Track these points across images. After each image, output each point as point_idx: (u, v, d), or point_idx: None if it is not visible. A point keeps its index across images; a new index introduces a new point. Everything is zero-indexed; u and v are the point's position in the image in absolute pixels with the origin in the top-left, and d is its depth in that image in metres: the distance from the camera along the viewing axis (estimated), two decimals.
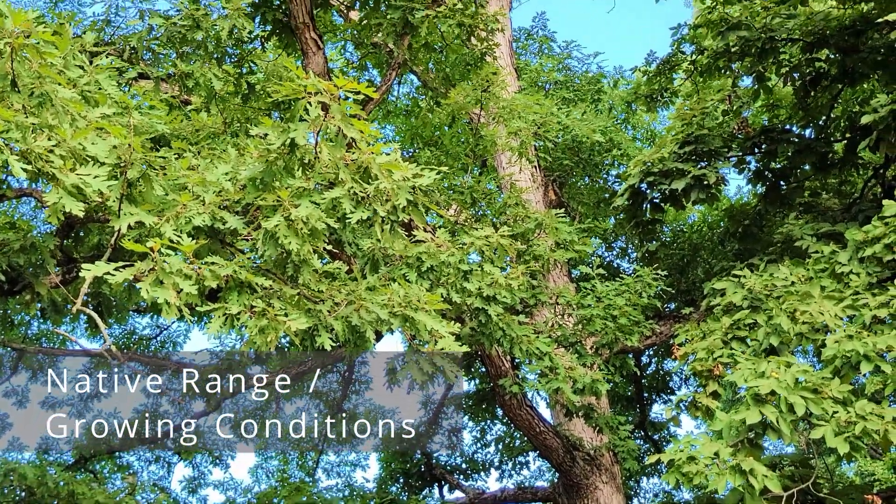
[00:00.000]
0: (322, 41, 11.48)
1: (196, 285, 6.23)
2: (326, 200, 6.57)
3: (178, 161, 7.43)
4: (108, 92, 7.43)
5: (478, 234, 9.73)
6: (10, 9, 6.52)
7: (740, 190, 25.60)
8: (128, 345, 21.29)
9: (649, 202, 13.81)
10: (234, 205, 7.17)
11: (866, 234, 10.50)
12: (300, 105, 6.56)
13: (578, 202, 19.44)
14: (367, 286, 7.60)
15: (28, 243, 8.76)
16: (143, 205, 6.77)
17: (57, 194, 6.00)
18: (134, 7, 11.60)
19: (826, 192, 15.20)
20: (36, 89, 6.46)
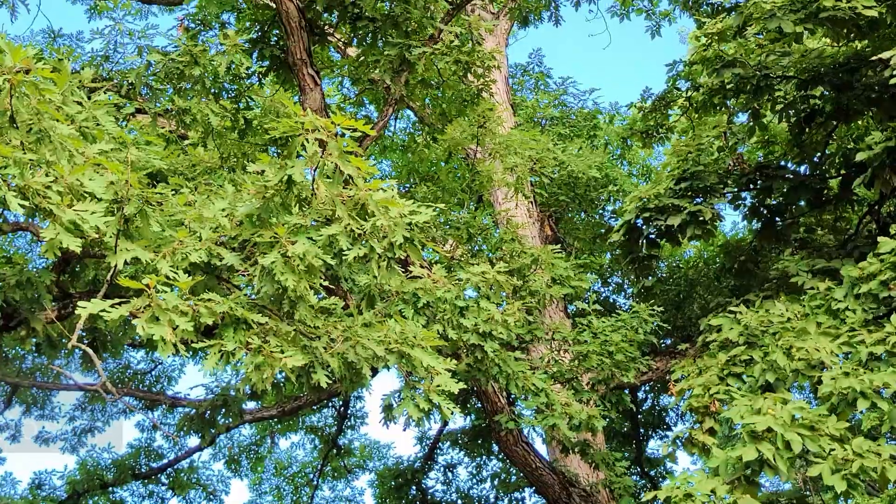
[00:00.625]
0: (319, 77, 11.54)
1: (192, 322, 6.22)
2: (323, 237, 6.57)
3: (175, 197, 7.44)
4: (105, 128, 7.44)
5: (474, 270, 9.73)
6: (10, 45, 6.55)
7: (736, 226, 25.64)
8: (122, 379, 21.23)
9: (645, 238, 13.82)
10: (230, 241, 7.17)
11: (862, 270, 10.51)
12: (297, 142, 6.58)
13: (574, 238, 19.46)
14: (363, 322, 7.59)
15: (24, 279, 8.76)
16: (140, 241, 6.77)
17: (54, 230, 6.00)
18: (132, 43, 11.65)
19: (821, 229, 15.22)
20: (34, 125, 6.47)
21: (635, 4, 20.83)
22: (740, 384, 10.77)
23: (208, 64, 10.48)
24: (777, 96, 13.52)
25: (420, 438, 22.42)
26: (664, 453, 11.55)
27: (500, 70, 15.74)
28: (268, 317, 6.92)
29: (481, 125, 13.56)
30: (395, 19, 11.38)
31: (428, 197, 15.42)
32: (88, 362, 13.32)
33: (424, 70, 11.27)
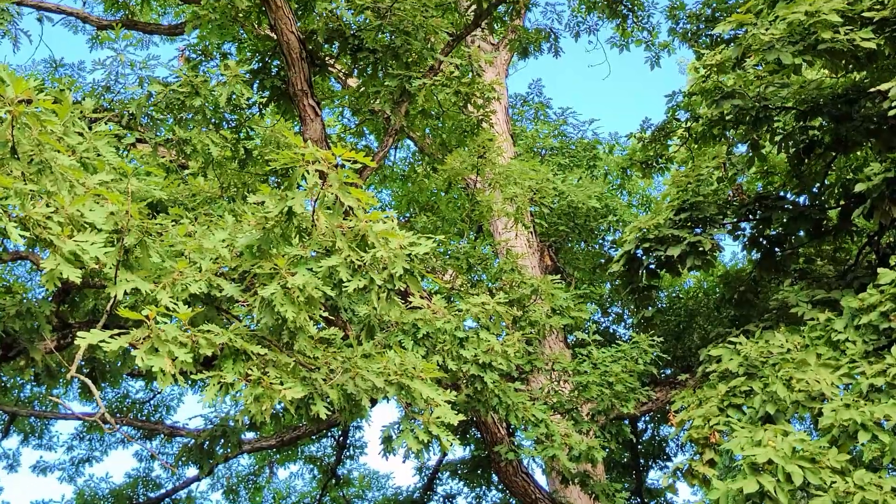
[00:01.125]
0: (319, 107, 11.58)
1: (191, 353, 6.21)
2: (323, 268, 6.57)
3: (175, 227, 7.44)
4: (106, 158, 7.46)
5: (474, 301, 9.74)
6: (12, 76, 6.58)
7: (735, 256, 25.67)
8: (121, 408, 21.16)
9: (645, 268, 13.82)
10: (230, 272, 7.17)
11: (862, 301, 10.50)
12: (298, 173, 6.60)
13: (574, 268, 19.47)
14: (362, 353, 7.58)
15: (24, 308, 8.75)
16: (140, 271, 6.78)
17: (54, 261, 6.00)
18: (133, 74, 11.68)
19: (821, 259, 15.23)
20: (36, 156, 6.49)
21: (634, 36, 20.93)
22: (740, 415, 10.74)
23: (209, 94, 10.52)
24: (776, 127, 13.56)
25: (419, 469, 22.34)
26: (664, 485, 11.50)
27: (499, 101, 15.79)
28: (267, 348, 6.91)
29: (481, 155, 13.59)
30: (396, 51, 11.43)
31: (428, 227, 15.46)
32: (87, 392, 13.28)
33: (425, 101, 11.31)
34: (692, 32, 19.85)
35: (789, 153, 13.79)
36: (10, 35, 14.15)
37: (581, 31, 21.40)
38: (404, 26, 11.41)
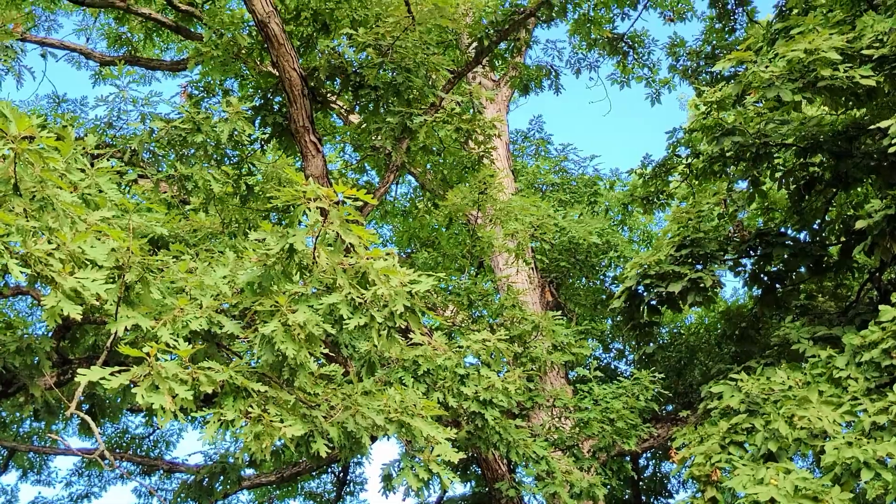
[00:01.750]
0: (321, 143, 11.61)
1: (191, 390, 6.19)
2: (324, 306, 6.57)
3: (176, 264, 7.45)
4: (108, 195, 7.47)
5: (475, 337, 9.72)
6: (15, 112, 6.60)
7: (736, 292, 25.64)
8: (120, 444, 21.08)
9: (646, 304, 13.82)
10: (231, 308, 7.17)
11: (863, 338, 10.49)
12: (299, 210, 6.61)
13: (575, 304, 19.45)
14: (363, 390, 7.57)
15: (24, 345, 8.74)
16: (141, 307, 6.77)
17: (55, 297, 6.00)
18: (136, 110, 11.73)
19: (822, 296, 15.22)
20: (38, 193, 6.50)
21: (635, 73, 21.04)
22: (742, 453, 10.71)
23: (211, 131, 10.56)
24: (776, 164, 13.60)
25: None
26: None
27: (500, 137, 15.85)
28: (268, 385, 6.90)
29: (482, 191, 13.62)
30: (397, 87, 11.48)
31: (429, 262, 15.46)
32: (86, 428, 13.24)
33: (426, 137, 11.35)
34: (692, 69, 19.95)
35: (790, 189, 13.81)
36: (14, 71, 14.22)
37: (582, 68, 21.50)
38: (406, 63, 11.47)
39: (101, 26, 17.64)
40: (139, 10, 14.36)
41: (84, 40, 18.00)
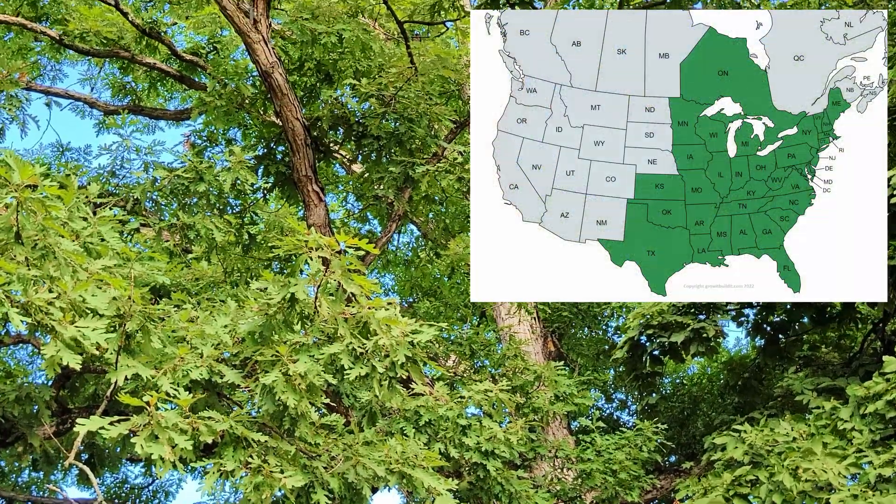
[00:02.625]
0: (323, 193, 11.64)
1: (191, 440, 6.16)
2: (325, 356, 6.55)
3: (177, 312, 7.44)
4: (110, 243, 7.48)
5: (476, 388, 9.68)
6: (19, 160, 6.62)
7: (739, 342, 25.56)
8: (119, 494, 20.91)
9: (649, 355, 13.77)
10: (232, 357, 7.15)
11: (867, 390, 10.43)
12: (301, 260, 6.61)
13: (578, 354, 19.38)
14: (364, 440, 7.53)
15: (24, 394, 8.70)
16: (141, 357, 6.75)
17: (55, 347, 5.98)
18: (139, 159, 11.79)
19: (825, 346, 15.16)
20: (40, 241, 6.51)
21: None
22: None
23: (213, 180, 10.59)
24: None
25: None
26: None
27: None
28: (268, 435, 6.86)
29: None
30: (400, 137, 11.54)
31: (430, 312, 15.44)
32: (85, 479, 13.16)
33: (428, 187, 11.38)
34: None
35: None
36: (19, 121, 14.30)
37: None
38: (408, 113, 11.53)
39: (105, 76, 17.75)
40: (144, 59, 14.44)
41: (89, 89, 18.12)
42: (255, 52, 10.91)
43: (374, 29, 14.15)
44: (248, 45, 10.92)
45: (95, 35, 14.08)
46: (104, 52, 14.23)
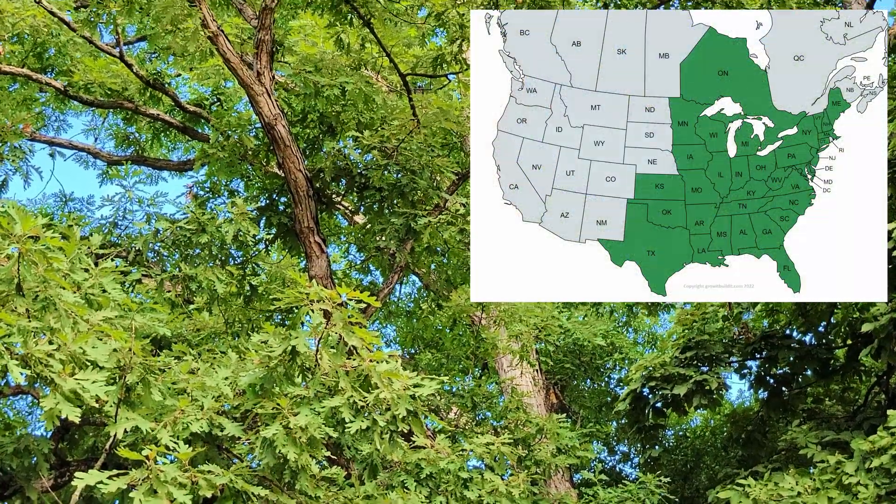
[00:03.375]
0: (325, 244, 11.64)
1: (190, 494, 6.10)
2: (326, 409, 6.52)
3: (178, 364, 7.40)
4: (111, 295, 7.46)
5: (479, 440, 9.62)
6: (21, 211, 6.63)
7: (742, 395, 25.47)
8: None
9: (651, 407, 13.74)
10: (232, 410, 7.11)
11: (872, 444, 10.37)
12: (302, 312, 6.60)
13: (580, 406, 19.32)
14: (364, 494, 7.47)
15: (22, 446, 8.62)
16: (141, 409, 6.72)
17: (54, 399, 5.95)
18: (141, 210, 11.82)
19: (829, 399, 15.11)
20: (41, 293, 6.49)
21: None
22: None
23: (216, 231, 10.60)
24: None
25: None
26: None
27: None
28: (268, 488, 6.80)
29: None
30: (402, 189, 11.56)
31: (432, 363, 15.40)
32: None
33: (430, 238, 11.38)
34: None
35: None
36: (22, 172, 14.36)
37: None
38: (410, 165, 11.56)
39: (109, 126, 17.83)
40: (147, 110, 14.51)
41: (92, 140, 18.19)
42: (258, 104, 10.96)
43: (377, 81, 14.22)
44: (252, 98, 10.98)
45: (100, 86, 14.16)
46: (108, 102, 14.31)
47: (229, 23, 13.10)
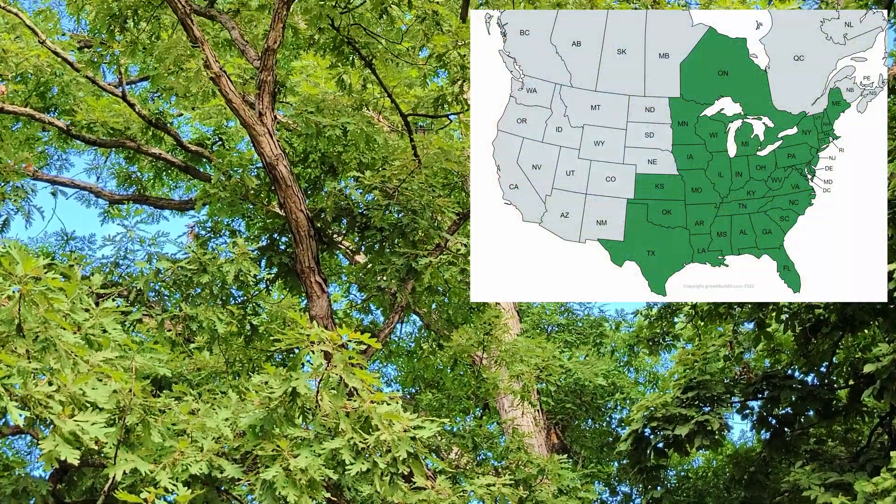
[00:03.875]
0: (326, 284, 11.63)
1: None
2: (326, 451, 6.49)
3: (178, 405, 7.38)
4: (111, 336, 7.45)
5: (479, 481, 9.56)
6: (23, 251, 6.64)
7: (744, 435, 25.38)
8: None
9: (653, 448, 13.70)
10: (232, 451, 7.08)
11: (876, 486, 10.31)
12: (303, 354, 6.60)
13: (582, 446, 19.25)
14: None
15: (20, 487, 8.58)
16: (141, 450, 6.69)
17: (53, 441, 5.93)
18: (143, 250, 11.81)
19: (832, 440, 15.05)
20: (41, 334, 6.48)
21: None
22: None
23: (217, 271, 10.59)
24: (782, 306, 13.60)
25: None
26: None
27: None
28: None
29: (487, 332, 13.59)
30: (403, 229, 11.56)
31: (433, 403, 15.35)
32: None
33: (431, 278, 11.37)
34: None
35: (795, 332, 13.79)
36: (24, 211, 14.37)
37: None
38: (412, 205, 11.58)
39: (111, 165, 17.88)
40: (150, 150, 14.56)
41: (94, 178, 18.25)
42: (259, 144, 10.99)
43: (379, 122, 14.29)
44: (253, 138, 11.01)
45: (102, 125, 14.22)
46: (111, 142, 14.37)
47: (232, 63, 13.17)
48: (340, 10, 11.63)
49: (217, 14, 12.16)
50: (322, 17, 11.46)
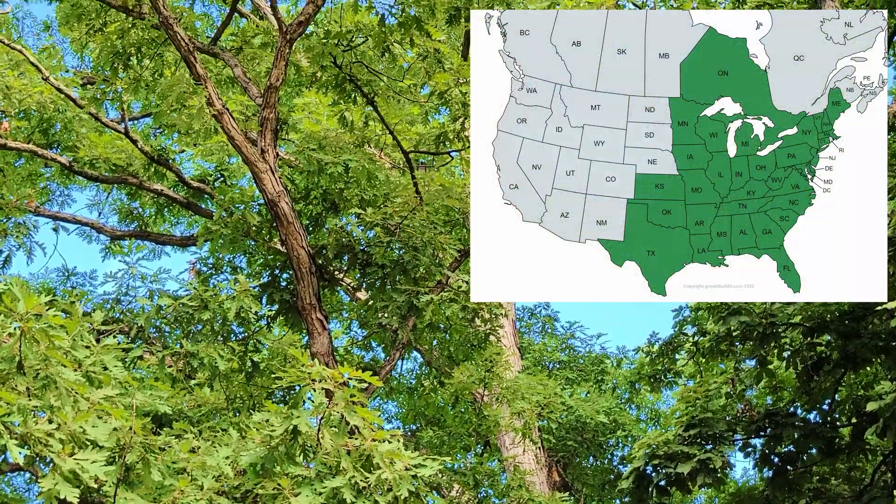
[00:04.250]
0: (327, 321, 11.62)
1: None
2: (327, 489, 6.46)
3: (178, 443, 7.35)
4: (112, 373, 7.43)
5: None
6: (24, 289, 6.63)
7: (747, 473, 25.26)
8: None
9: (655, 486, 13.63)
10: (232, 490, 7.04)
11: None
12: (304, 392, 6.58)
13: (583, 483, 19.15)
14: None
15: None
16: (140, 489, 6.65)
17: (53, 479, 5.89)
18: (144, 286, 11.82)
19: (835, 478, 14.97)
20: (42, 371, 6.47)
21: None
22: None
23: (218, 308, 10.59)
24: (783, 343, 13.58)
25: None
26: None
27: (507, 315, 15.88)
28: None
29: (488, 369, 13.57)
30: (404, 266, 11.56)
31: (434, 441, 15.29)
32: None
33: (432, 315, 11.36)
34: None
35: (797, 369, 13.76)
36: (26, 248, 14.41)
37: None
38: (413, 242, 11.58)
39: (113, 201, 17.93)
40: (151, 186, 14.61)
41: (96, 214, 18.28)
42: (261, 181, 11.02)
43: (380, 159, 14.33)
44: (255, 175, 11.04)
45: (105, 161, 14.27)
46: (113, 178, 14.41)
47: (234, 100, 13.23)
48: (343, 48, 11.71)
49: (220, 51, 12.23)
50: (324, 54, 11.53)
